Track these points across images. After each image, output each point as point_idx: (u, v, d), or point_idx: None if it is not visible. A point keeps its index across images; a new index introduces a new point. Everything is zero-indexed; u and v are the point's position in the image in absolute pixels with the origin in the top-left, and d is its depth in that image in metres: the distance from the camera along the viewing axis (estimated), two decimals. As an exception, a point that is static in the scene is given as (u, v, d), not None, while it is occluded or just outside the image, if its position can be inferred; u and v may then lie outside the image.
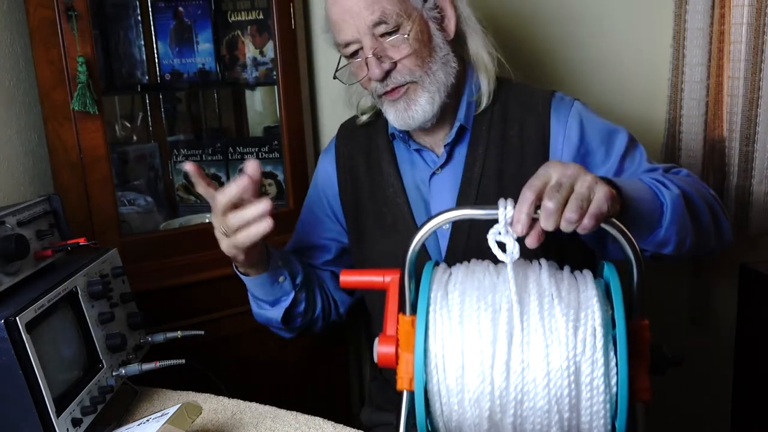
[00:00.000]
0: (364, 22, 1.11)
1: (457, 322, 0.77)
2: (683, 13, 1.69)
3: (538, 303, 0.75)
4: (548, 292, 0.76)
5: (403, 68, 1.14)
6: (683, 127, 1.74)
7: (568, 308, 0.74)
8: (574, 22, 1.78)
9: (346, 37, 1.14)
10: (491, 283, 0.79)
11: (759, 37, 1.63)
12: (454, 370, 0.76)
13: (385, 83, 1.15)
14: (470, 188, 1.19)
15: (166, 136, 2.01)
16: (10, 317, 0.87)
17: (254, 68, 1.81)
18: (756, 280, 1.67)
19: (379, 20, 1.11)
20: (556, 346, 0.73)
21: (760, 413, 1.70)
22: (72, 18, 1.38)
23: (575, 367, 0.72)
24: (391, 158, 1.26)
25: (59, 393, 0.93)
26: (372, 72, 1.13)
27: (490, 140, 1.20)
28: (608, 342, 0.73)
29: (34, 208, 1.08)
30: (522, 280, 0.78)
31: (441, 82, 1.16)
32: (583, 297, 0.76)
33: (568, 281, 0.79)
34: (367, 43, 1.13)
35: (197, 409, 0.97)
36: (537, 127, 1.18)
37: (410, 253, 0.83)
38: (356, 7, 1.11)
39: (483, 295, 0.78)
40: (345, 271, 0.91)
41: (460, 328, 0.76)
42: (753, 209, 1.70)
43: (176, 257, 1.58)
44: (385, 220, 1.24)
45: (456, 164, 1.22)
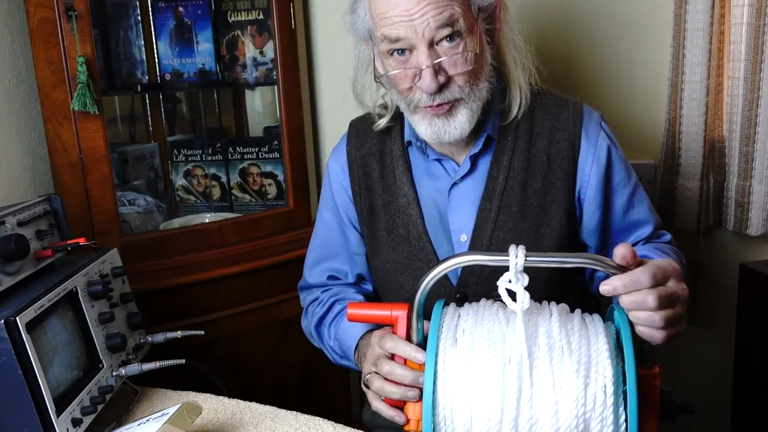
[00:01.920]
0: (429, 23, 0.99)
1: (466, 373, 0.76)
2: (683, 13, 1.68)
3: (549, 356, 0.74)
4: (558, 345, 0.75)
5: (454, 85, 1.05)
6: (683, 127, 1.74)
7: (578, 363, 0.73)
8: (573, 23, 1.78)
9: (398, 32, 1.01)
10: (501, 333, 0.77)
11: (759, 37, 1.62)
12: (463, 424, 0.75)
13: (432, 97, 1.04)
14: (492, 201, 1.15)
15: (166, 136, 2.01)
16: (10, 317, 0.87)
17: (254, 68, 1.81)
18: (756, 280, 1.67)
19: (447, 22, 0.99)
20: (565, 402, 0.72)
21: (760, 413, 1.70)
22: (72, 18, 1.38)
23: (585, 425, 0.71)
24: (405, 167, 1.20)
25: (59, 393, 0.93)
26: (427, 84, 1.02)
27: (516, 151, 1.15)
28: (618, 397, 0.72)
29: (34, 208, 1.08)
30: (532, 329, 0.76)
31: (482, 99, 1.09)
32: (594, 350, 0.75)
33: (579, 331, 0.77)
34: (424, 50, 1.01)
35: (197, 409, 0.97)
36: (567, 143, 1.15)
37: (420, 294, 0.82)
38: (422, 1, 0.98)
39: (492, 346, 0.76)
40: (352, 304, 0.91)
41: (469, 379, 0.75)
42: (753, 209, 1.70)
43: (176, 257, 1.58)
44: (398, 230, 1.20)
45: (478, 175, 1.17)
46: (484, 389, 0.75)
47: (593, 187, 1.16)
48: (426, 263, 1.17)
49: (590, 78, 1.81)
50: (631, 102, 1.82)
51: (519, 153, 1.15)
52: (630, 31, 1.78)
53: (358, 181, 1.24)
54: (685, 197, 1.76)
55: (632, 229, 1.21)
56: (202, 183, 1.92)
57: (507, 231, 1.14)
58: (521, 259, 0.75)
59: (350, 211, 1.27)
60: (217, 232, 1.65)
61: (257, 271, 1.63)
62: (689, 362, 1.91)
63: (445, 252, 1.18)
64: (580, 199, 1.17)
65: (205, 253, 1.61)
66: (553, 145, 1.15)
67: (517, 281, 0.75)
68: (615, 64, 1.81)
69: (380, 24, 1.04)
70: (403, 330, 0.89)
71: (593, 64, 1.81)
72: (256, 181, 1.88)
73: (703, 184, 1.74)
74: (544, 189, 1.14)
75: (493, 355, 0.76)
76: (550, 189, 1.15)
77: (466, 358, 0.77)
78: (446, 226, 1.18)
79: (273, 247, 1.68)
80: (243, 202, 1.90)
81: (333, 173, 1.29)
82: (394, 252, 1.21)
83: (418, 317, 0.84)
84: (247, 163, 1.88)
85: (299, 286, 1.38)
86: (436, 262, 1.14)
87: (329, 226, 1.30)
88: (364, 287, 1.32)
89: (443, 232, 1.18)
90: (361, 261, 1.29)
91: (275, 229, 1.71)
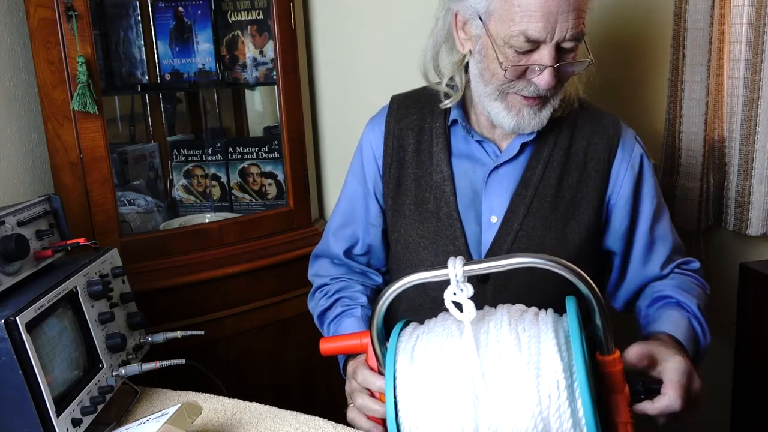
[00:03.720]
0: (566, 29, 1.04)
1: (424, 392, 0.77)
2: (683, 13, 1.68)
3: (499, 360, 0.75)
4: (508, 347, 0.75)
5: (560, 87, 1.12)
6: (683, 127, 1.74)
7: (528, 362, 0.74)
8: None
9: (537, 34, 1.04)
10: (453, 347, 0.79)
11: (759, 37, 1.62)
12: None
13: (541, 92, 1.10)
14: (527, 189, 1.19)
15: (166, 136, 2.01)
16: (10, 317, 0.87)
17: (254, 68, 1.81)
18: (756, 280, 1.67)
19: (577, 35, 1.05)
20: (521, 404, 0.72)
21: (760, 413, 1.70)
22: (72, 18, 1.38)
23: (544, 423, 0.72)
24: (445, 145, 1.23)
25: (59, 393, 0.93)
26: (546, 82, 1.07)
27: (557, 146, 1.21)
28: (573, 390, 0.72)
29: (34, 208, 1.08)
30: (483, 336, 0.78)
31: (561, 97, 1.17)
32: (544, 346, 0.75)
33: (530, 329, 0.78)
34: (551, 51, 1.05)
35: (197, 409, 0.97)
36: (604, 147, 1.21)
37: (376, 319, 0.85)
38: (567, 7, 1.02)
39: (446, 361, 0.78)
40: (323, 339, 0.98)
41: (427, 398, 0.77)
42: (753, 209, 1.70)
43: (176, 257, 1.58)
44: (427, 205, 1.22)
45: (518, 163, 1.21)
46: (443, 405, 0.76)
47: (625, 193, 1.21)
48: (452, 240, 1.20)
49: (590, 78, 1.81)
50: (631, 102, 1.82)
51: (559, 148, 1.21)
52: (630, 31, 1.78)
53: (392, 152, 1.27)
54: (685, 197, 1.76)
55: (656, 242, 1.26)
56: (202, 183, 1.92)
57: (538, 219, 1.18)
58: (459, 270, 0.77)
59: (377, 182, 1.30)
60: (217, 232, 1.65)
61: (257, 271, 1.63)
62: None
63: (473, 231, 1.20)
64: (609, 203, 1.23)
65: (205, 253, 1.61)
66: (591, 147, 1.21)
67: (460, 292, 0.77)
68: (615, 64, 1.81)
69: (520, 18, 1.04)
70: (372, 358, 0.94)
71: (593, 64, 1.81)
72: (256, 181, 1.88)
73: (703, 184, 1.74)
74: (577, 186, 1.20)
75: (448, 370, 0.77)
76: (582, 187, 1.20)
77: (423, 378, 0.78)
78: (478, 206, 1.21)
79: (273, 247, 1.68)
80: (243, 202, 1.90)
81: (365, 142, 1.31)
82: (420, 227, 1.23)
83: (380, 343, 0.87)
84: (247, 163, 1.88)
85: (314, 253, 1.40)
86: (463, 240, 1.19)
87: (353, 193, 1.33)
88: (370, 280, 1.34)
89: (473, 213, 1.21)
90: (375, 233, 1.32)
91: (275, 229, 1.71)
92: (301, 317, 1.36)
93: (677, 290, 1.22)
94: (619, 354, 0.81)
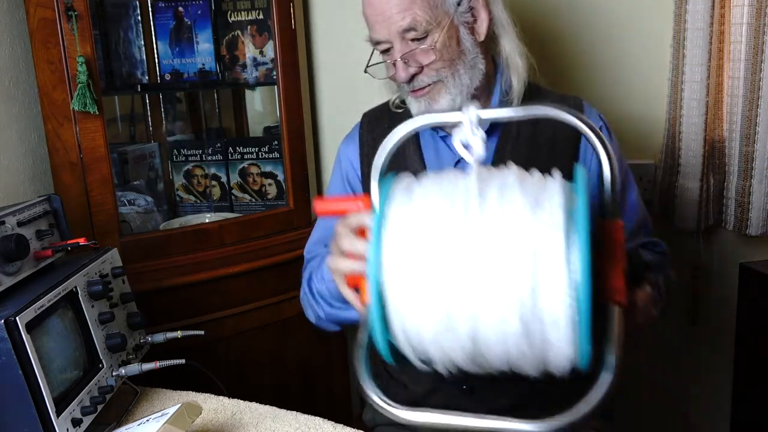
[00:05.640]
0: (395, 27, 1.15)
1: (414, 214, 0.74)
2: (683, 13, 1.68)
3: (498, 192, 0.73)
4: (511, 185, 0.74)
5: (429, 71, 1.17)
6: (683, 127, 1.74)
7: (527, 196, 0.72)
8: (573, 23, 1.78)
9: (378, 36, 1.18)
10: (452, 182, 0.77)
11: (759, 37, 1.62)
12: (411, 262, 0.72)
13: (411, 84, 1.19)
14: None
15: (166, 136, 2.01)
16: (10, 317, 0.87)
17: (254, 68, 1.81)
18: (756, 280, 1.67)
19: (409, 27, 1.14)
20: (514, 231, 0.70)
21: (760, 413, 1.70)
22: (72, 18, 1.38)
23: (534, 253, 0.69)
24: (416, 146, 1.27)
25: (59, 393, 0.93)
26: (398, 75, 1.18)
27: (520, 139, 1.22)
28: (571, 231, 0.69)
29: (34, 208, 1.08)
30: (486, 176, 0.76)
31: (465, 84, 1.19)
32: (549, 186, 0.74)
33: (537, 179, 0.77)
34: (397, 46, 1.16)
35: (197, 408, 0.97)
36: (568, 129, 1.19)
37: (382, 165, 0.81)
38: (389, 11, 1.15)
39: (444, 191, 0.75)
40: (319, 199, 0.89)
41: (417, 219, 0.73)
42: (753, 209, 1.70)
43: (176, 257, 1.58)
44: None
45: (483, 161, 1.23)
46: (432, 225, 0.72)
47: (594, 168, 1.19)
48: None
49: (590, 78, 1.81)
50: (631, 102, 1.82)
51: (523, 141, 1.21)
52: (630, 31, 1.78)
53: (368, 162, 1.30)
54: (685, 197, 1.76)
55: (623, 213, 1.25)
56: (202, 183, 1.92)
57: None
58: (473, 114, 0.77)
59: (357, 189, 1.33)
60: (217, 232, 1.65)
61: (257, 271, 1.63)
62: (689, 362, 1.91)
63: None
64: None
65: (205, 253, 1.61)
66: (556, 133, 1.21)
67: (473, 134, 0.76)
68: (615, 64, 1.81)
69: (369, 29, 1.21)
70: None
71: (593, 64, 1.81)
72: (256, 181, 1.88)
73: (703, 184, 1.74)
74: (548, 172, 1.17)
75: (443, 197, 0.74)
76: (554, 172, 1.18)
77: (418, 203, 0.75)
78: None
79: (273, 247, 1.68)
80: (243, 202, 1.90)
81: (343, 157, 1.36)
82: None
83: (380, 186, 0.80)
84: (247, 163, 1.88)
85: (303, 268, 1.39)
86: None
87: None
88: None
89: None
90: None
91: (275, 229, 1.71)
92: (301, 317, 1.36)
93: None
94: (622, 224, 0.77)
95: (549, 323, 0.68)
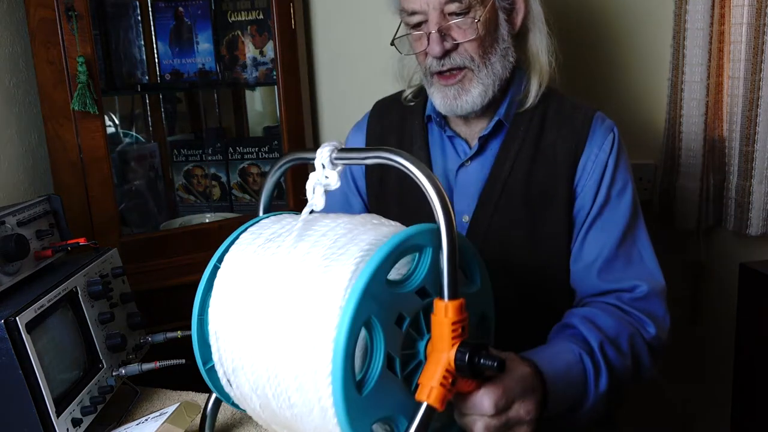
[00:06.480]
0: None
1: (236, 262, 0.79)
2: (683, 13, 1.68)
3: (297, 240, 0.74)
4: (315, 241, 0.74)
5: (463, 51, 1.11)
6: (683, 127, 1.74)
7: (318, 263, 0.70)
8: (573, 23, 1.78)
9: (414, 5, 1.10)
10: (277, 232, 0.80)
11: (759, 37, 1.62)
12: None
13: (441, 62, 1.11)
14: (496, 185, 1.16)
15: (166, 136, 2.01)
16: (10, 317, 0.87)
17: (254, 68, 1.81)
18: (756, 280, 1.67)
19: None
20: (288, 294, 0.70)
21: (760, 413, 1.70)
22: (72, 18, 1.38)
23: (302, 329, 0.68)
24: (423, 143, 1.24)
25: (59, 393, 0.93)
26: (432, 48, 1.10)
27: (525, 141, 1.17)
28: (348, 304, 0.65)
29: (34, 208, 1.08)
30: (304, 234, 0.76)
31: (497, 74, 1.14)
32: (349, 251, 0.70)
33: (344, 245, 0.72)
34: (434, 17, 1.09)
35: (196, 408, 0.97)
36: (572, 140, 1.16)
37: (263, 201, 0.88)
38: None
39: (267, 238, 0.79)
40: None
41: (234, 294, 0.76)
42: (753, 209, 1.70)
43: (176, 257, 1.58)
44: (409, 204, 1.22)
45: (486, 159, 1.19)
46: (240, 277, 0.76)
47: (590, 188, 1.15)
48: None
49: (590, 78, 1.81)
50: (631, 102, 1.82)
51: (528, 143, 1.17)
52: (630, 31, 1.78)
53: None
54: (685, 197, 1.76)
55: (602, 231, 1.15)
56: (202, 183, 1.92)
57: (507, 217, 1.15)
58: (326, 155, 0.76)
59: (360, 181, 1.31)
60: (217, 232, 1.65)
61: (257, 271, 1.63)
62: (689, 362, 1.91)
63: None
64: (578, 198, 1.16)
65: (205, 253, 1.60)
66: (560, 141, 1.17)
67: (325, 179, 0.77)
68: (615, 64, 1.81)
69: None
70: None
71: (593, 64, 1.81)
72: (256, 181, 1.88)
73: (703, 184, 1.74)
74: (547, 181, 1.16)
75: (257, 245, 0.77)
76: (552, 182, 1.16)
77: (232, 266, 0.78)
78: (452, 205, 1.19)
79: (273, 247, 1.68)
80: (243, 202, 1.90)
81: (350, 144, 1.33)
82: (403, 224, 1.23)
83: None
84: (247, 163, 1.88)
85: None
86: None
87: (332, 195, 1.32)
88: None
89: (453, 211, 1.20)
90: None
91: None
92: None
93: (584, 323, 1.04)
94: (458, 305, 0.69)
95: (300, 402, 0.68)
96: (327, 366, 0.64)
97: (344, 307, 0.65)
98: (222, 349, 0.76)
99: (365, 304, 0.65)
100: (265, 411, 0.75)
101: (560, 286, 1.18)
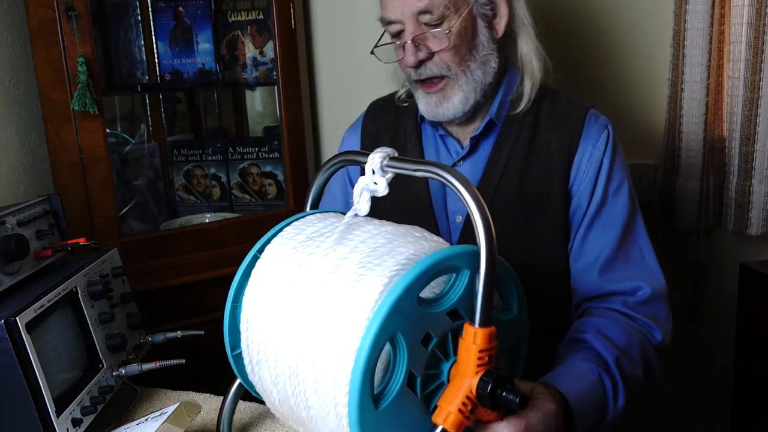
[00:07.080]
0: (410, 8, 1.09)
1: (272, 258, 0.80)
2: (683, 13, 1.68)
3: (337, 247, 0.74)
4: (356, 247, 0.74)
5: (439, 61, 1.12)
6: (683, 127, 1.74)
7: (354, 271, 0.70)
8: (573, 22, 1.78)
9: (390, 15, 1.12)
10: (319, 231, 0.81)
11: (759, 37, 1.62)
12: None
13: (418, 72, 1.13)
14: (489, 185, 1.16)
15: (166, 136, 2.01)
16: (10, 317, 0.87)
17: (254, 68, 1.81)
18: (756, 280, 1.67)
19: (425, 9, 1.09)
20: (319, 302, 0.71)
21: (760, 413, 1.70)
22: (72, 18, 1.38)
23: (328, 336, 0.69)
24: (417, 142, 1.24)
25: (59, 393, 0.93)
26: (406, 58, 1.12)
27: (519, 141, 1.17)
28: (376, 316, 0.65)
29: (34, 208, 1.08)
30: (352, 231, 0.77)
31: (478, 81, 1.14)
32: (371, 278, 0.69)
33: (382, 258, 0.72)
34: (410, 27, 1.11)
35: (196, 407, 0.97)
36: (566, 139, 1.16)
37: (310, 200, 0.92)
38: None
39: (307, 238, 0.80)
40: None
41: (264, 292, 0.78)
42: (753, 209, 1.70)
43: (176, 257, 1.58)
44: (403, 203, 1.22)
45: (478, 159, 1.19)
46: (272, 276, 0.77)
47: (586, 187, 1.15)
48: None
49: (590, 77, 1.81)
50: (631, 102, 1.82)
51: (521, 143, 1.17)
52: (630, 31, 1.78)
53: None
54: (685, 197, 1.76)
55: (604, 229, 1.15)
56: (202, 183, 1.92)
57: (502, 217, 1.14)
58: (377, 161, 0.76)
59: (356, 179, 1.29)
60: (217, 232, 1.65)
61: (257, 271, 1.63)
62: (689, 362, 1.90)
63: (445, 230, 1.19)
64: (573, 197, 1.16)
65: (205, 253, 1.61)
66: (553, 140, 1.16)
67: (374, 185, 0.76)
68: (615, 64, 1.81)
69: (381, 8, 1.15)
70: None
71: (593, 64, 1.81)
72: (256, 181, 1.88)
73: (703, 184, 1.74)
74: (541, 181, 1.15)
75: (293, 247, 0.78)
76: (547, 181, 1.15)
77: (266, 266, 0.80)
78: (446, 205, 1.20)
79: (273, 247, 1.68)
80: (243, 202, 1.90)
81: (345, 145, 1.34)
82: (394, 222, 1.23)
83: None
84: (247, 163, 1.88)
85: None
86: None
87: (334, 198, 1.33)
88: None
89: (444, 210, 1.20)
90: None
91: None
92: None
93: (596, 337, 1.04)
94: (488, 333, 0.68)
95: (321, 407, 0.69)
96: (346, 375, 0.65)
97: (371, 319, 0.65)
98: (250, 339, 0.77)
99: (393, 319, 0.64)
100: (284, 406, 0.76)
101: (560, 286, 1.17)
